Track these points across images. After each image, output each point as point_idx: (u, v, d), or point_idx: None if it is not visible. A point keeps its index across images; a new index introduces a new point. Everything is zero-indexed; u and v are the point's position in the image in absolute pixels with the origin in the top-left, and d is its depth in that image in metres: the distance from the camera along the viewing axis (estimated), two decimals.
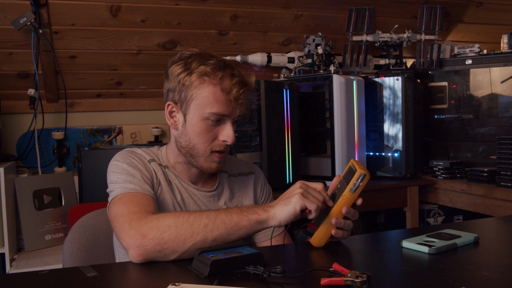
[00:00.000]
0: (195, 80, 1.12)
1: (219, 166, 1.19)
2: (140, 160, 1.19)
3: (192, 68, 1.13)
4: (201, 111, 1.13)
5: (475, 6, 2.97)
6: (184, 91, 1.14)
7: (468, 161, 2.56)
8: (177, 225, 0.98)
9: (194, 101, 1.13)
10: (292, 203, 1.01)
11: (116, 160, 1.17)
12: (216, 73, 1.12)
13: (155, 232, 0.97)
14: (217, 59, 1.15)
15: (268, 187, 1.40)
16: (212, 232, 0.98)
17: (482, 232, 1.16)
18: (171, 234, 0.97)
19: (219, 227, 0.99)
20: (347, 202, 1.05)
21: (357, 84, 2.37)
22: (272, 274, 0.85)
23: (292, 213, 1.01)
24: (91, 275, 0.90)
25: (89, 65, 2.50)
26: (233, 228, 1.00)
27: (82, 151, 2.20)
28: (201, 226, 0.98)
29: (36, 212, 2.26)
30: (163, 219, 0.99)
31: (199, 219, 0.99)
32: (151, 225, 0.98)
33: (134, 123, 2.78)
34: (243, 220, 1.01)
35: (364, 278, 0.81)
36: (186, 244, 0.97)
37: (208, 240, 0.98)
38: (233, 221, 1.00)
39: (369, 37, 2.68)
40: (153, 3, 2.35)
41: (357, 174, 1.03)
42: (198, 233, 0.97)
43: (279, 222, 1.01)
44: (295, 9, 2.66)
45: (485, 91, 2.56)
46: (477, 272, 0.88)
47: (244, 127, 2.23)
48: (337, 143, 2.26)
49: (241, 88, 1.13)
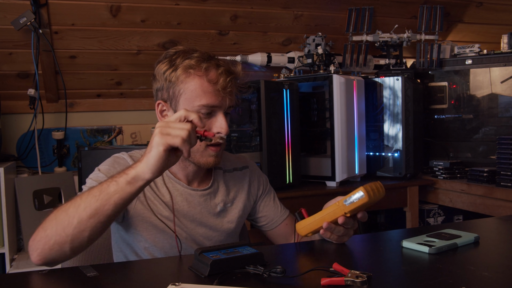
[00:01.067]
0: (181, 75, 1.11)
1: (217, 160, 1.17)
2: (120, 167, 1.16)
3: (177, 63, 1.12)
4: (190, 105, 1.11)
5: (475, 6, 2.97)
6: (172, 88, 1.13)
7: (468, 161, 2.56)
8: (56, 218, 0.94)
9: (182, 96, 1.12)
10: (154, 147, 0.92)
11: (97, 169, 1.17)
12: (201, 65, 1.11)
13: (42, 232, 0.95)
14: (201, 52, 1.14)
15: (264, 178, 1.39)
16: (85, 210, 0.92)
17: (482, 232, 1.16)
18: (52, 228, 0.94)
19: (91, 202, 0.92)
20: (337, 211, 1.03)
21: (357, 84, 2.37)
22: (272, 274, 0.85)
23: (159, 157, 0.91)
24: (91, 274, 0.90)
25: (89, 65, 2.50)
26: (104, 197, 0.92)
27: (82, 151, 2.20)
28: (75, 208, 0.93)
29: (36, 212, 2.26)
30: (49, 217, 0.96)
31: (74, 203, 0.94)
32: (40, 226, 0.96)
33: (134, 123, 2.78)
34: (112, 185, 0.92)
35: (364, 278, 0.81)
36: (66, 231, 0.93)
37: (84, 219, 0.92)
38: (103, 190, 0.93)
39: (369, 37, 2.68)
40: (153, 3, 2.35)
41: (357, 191, 1.00)
42: (73, 216, 0.93)
43: (151, 172, 0.92)
44: (295, 9, 2.66)
45: (485, 91, 2.56)
46: (477, 272, 0.88)
47: (244, 127, 2.23)
48: (337, 143, 2.26)
49: (227, 77, 1.12)
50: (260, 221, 1.37)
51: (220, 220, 1.24)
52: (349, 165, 2.30)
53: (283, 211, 1.37)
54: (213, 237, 1.23)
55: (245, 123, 2.22)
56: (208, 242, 1.22)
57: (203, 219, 1.21)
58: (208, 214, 1.22)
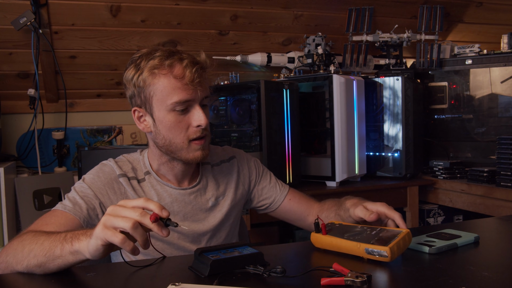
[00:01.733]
0: (147, 77, 1.10)
1: (204, 153, 1.16)
2: (105, 177, 1.17)
3: (141, 67, 1.11)
4: (164, 105, 1.10)
5: (475, 6, 2.97)
6: (143, 92, 1.12)
7: (468, 161, 2.56)
8: (16, 249, 0.95)
9: (154, 98, 1.11)
10: (93, 237, 0.85)
11: (83, 177, 1.18)
12: (164, 63, 1.09)
13: (4, 256, 0.96)
14: (163, 50, 1.12)
15: (254, 161, 1.38)
16: (35, 258, 0.91)
17: (482, 232, 1.16)
18: (11, 257, 0.95)
19: (39, 252, 0.91)
20: (354, 250, 0.97)
21: (357, 84, 2.37)
22: (272, 274, 0.85)
23: (96, 248, 0.85)
24: (91, 274, 0.90)
25: (89, 65, 2.50)
26: (49, 256, 0.90)
27: (82, 151, 2.20)
28: (27, 251, 0.93)
29: (36, 212, 2.26)
30: (14, 242, 0.97)
31: (30, 242, 0.94)
32: (6, 247, 0.98)
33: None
34: (57, 249, 0.90)
35: (364, 278, 0.81)
36: (18, 267, 0.94)
37: (31, 265, 0.92)
38: (51, 249, 0.90)
39: (369, 37, 2.68)
40: (153, 3, 2.35)
41: (383, 248, 0.93)
42: (24, 258, 0.93)
43: (91, 255, 0.87)
44: (295, 9, 2.66)
45: (485, 91, 2.56)
46: (477, 272, 0.88)
47: (244, 127, 2.23)
48: (337, 143, 2.26)
49: (192, 68, 1.10)
50: (262, 205, 1.38)
51: (214, 215, 1.24)
52: (349, 165, 2.30)
53: (282, 188, 1.38)
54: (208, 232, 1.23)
55: (245, 123, 2.22)
56: (204, 238, 1.22)
57: (195, 216, 1.21)
58: (200, 211, 1.23)
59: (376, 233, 1.00)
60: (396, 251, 0.93)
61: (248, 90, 2.19)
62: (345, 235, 1.02)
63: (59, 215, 1.07)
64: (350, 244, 0.98)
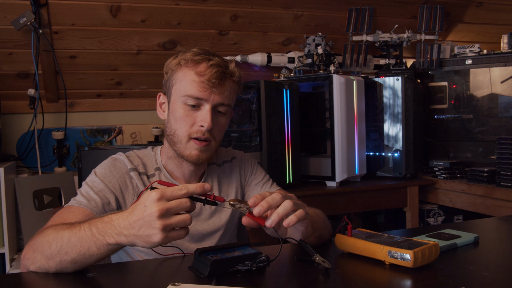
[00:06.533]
0: (174, 66, 1.15)
1: (201, 155, 1.15)
2: (117, 171, 1.16)
3: (177, 57, 1.16)
4: (179, 95, 1.14)
5: (475, 6, 2.97)
6: (168, 80, 1.17)
7: (468, 161, 2.56)
8: (42, 246, 0.93)
9: (174, 87, 1.15)
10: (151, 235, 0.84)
11: (94, 171, 1.17)
12: (194, 58, 1.13)
13: (31, 253, 0.94)
14: (201, 49, 1.16)
15: (252, 162, 1.36)
16: (67, 255, 0.90)
17: (482, 232, 1.16)
18: (39, 254, 0.93)
19: (70, 249, 0.90)
20: (377, 253, 0.96)
21: (357, 84, 2.37)
22: (259, 265, 0.88)
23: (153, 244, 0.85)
24: (91, 275, 0.90)
25: (89, 65, 2.50)
26: (84, 254, 0.90)
27: (82, 151, 2.20)
28: (57, 247, 0.91)
29: (36, 212, 2.26)
30: (41, 237, 0.95)
31: (56, 238, 0.92)
32: (31, 244, 0.95)
33: (134, 123, 2.78)
34: (92, 248, 0.89)
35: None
36: (49, 263, 0.92)
37: (64, 261, 0.91)
38: (84, 244, 0.89)
39: (369, 37, 2.68)
40: (153, 3, 2.35)
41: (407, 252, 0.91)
42: (56, 254, 0.91)
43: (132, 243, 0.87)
44: (295, 9, 2.66)
45: (485, 91, 2.56)
46: (477, 272, 0.88)
47: (244, 127, 2.23)
48: (337, 143, 2.26)
49: (216, 70, 1.11)
50: None
51: (218, 215, 1.25)
52: (349, 165, 2.30)
53: (273, 188, 1.33)
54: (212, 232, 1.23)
55: (245, 123, 2.22)
56: (207, 238, 1.22)
57: (200, 216, 1.22)
58: (205, 211, 1.23)
59: (403, 241, 0.98)
60: (420, 257, 0.90)
61: (248, 90, 2.19)
62: (369, 239, 1.00)
63: (76, 211, 1.06)
64: (373, 246, 0.97)
